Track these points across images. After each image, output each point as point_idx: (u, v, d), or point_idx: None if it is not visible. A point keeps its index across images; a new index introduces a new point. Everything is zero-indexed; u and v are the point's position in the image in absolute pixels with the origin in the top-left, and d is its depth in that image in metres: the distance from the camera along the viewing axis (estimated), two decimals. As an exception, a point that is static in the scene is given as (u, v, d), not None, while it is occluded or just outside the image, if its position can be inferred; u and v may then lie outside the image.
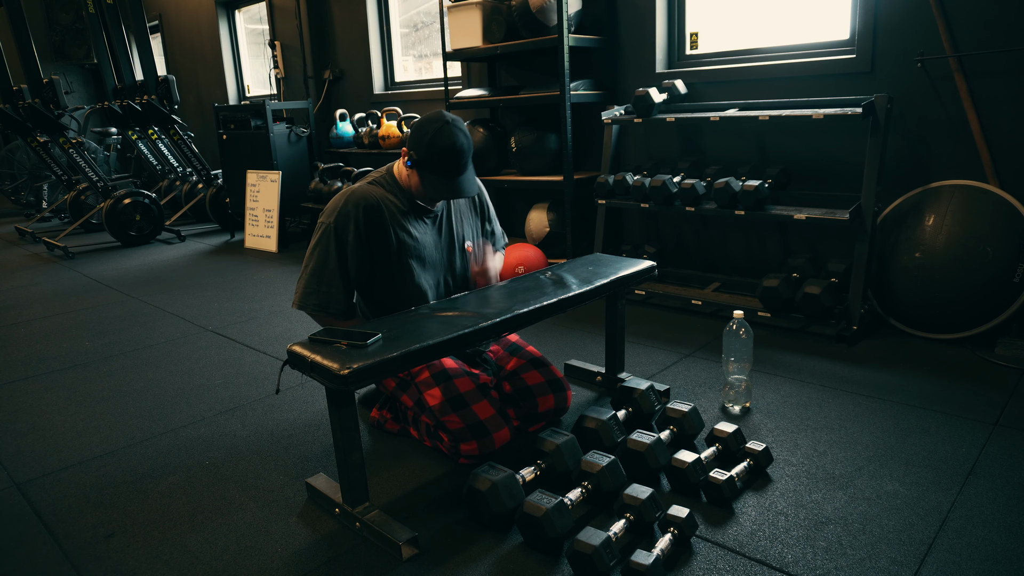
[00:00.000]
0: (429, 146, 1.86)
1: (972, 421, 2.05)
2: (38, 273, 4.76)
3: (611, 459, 1.70)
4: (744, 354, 2.16)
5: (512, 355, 2.13)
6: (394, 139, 4.68)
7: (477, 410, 1.87)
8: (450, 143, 1.86)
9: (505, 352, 2.15)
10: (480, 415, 1.87)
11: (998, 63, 2.57)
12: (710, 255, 3.56)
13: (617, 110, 3.40)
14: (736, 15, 3.44)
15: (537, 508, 1.53)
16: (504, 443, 1.89)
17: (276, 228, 5.12)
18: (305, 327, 3.23)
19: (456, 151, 1.87)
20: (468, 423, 1.86)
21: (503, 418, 1.90)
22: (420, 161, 1.89)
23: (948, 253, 2.60)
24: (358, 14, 5.35)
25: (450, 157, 1.87)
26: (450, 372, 1.92)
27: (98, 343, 3.17)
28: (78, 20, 8.58)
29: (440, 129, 1.86)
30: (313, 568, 1.55)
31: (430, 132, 1.86)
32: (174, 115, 5.78)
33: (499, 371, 2.11)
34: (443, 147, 1.86)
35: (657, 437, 1.80)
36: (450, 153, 1.86)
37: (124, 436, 2.24)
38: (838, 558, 1.48)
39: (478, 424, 1.86)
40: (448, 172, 1.89)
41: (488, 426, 1.87)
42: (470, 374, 1.96)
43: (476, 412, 1.87)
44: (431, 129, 1.86)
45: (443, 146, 1.86)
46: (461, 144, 1.88)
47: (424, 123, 1.89)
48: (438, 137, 1.86)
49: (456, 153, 1.87)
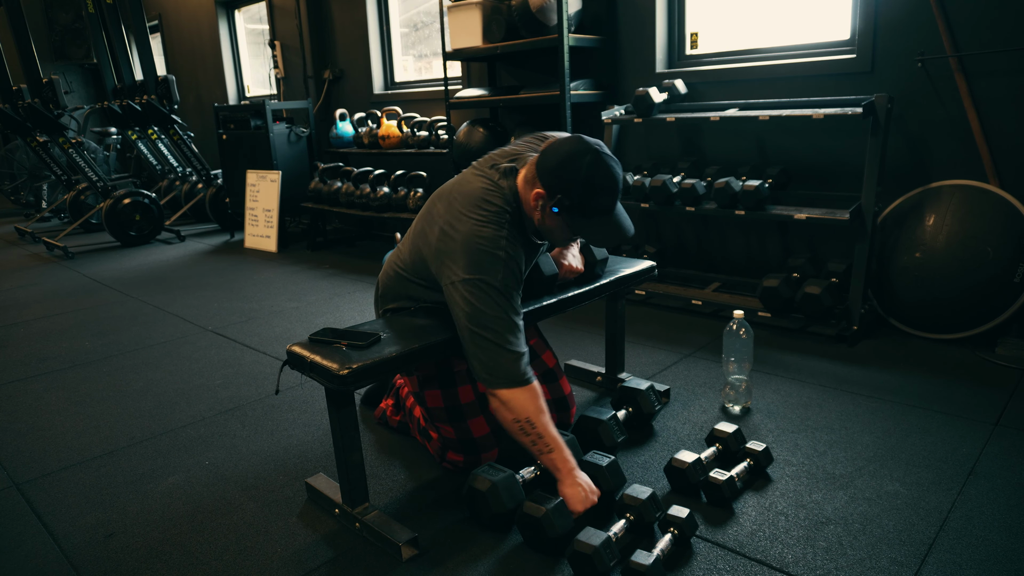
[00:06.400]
0: (586, 186, 1.54)
1: (972, 421, 2.04)
2: (38, 273, 4.76)
3: (611, 459, 1.70)
4: (744, 354, 2.16)
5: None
6: (394, 139, 4.67)
7: (472, 426, 1.85)
8: (612, 177, 1.56)
9: None
10: (474, 432, 1.85)
11: (999, 63, 2.57)
12: (710, 255, 3.56)
13: (617, 110, 3.40)
14: (736, 15, 3.43)
15: (537, 509, 1.53)
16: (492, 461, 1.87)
17: (276, 228, 5.12)
18: (305, 327, 3.23)
19: (617, 186, 1.58)
20: (461, 437, 1.85)
21: (496, 436, 1.89)
22: (575, 207, 1.57)
23: (948, 253, 2.59)
24: (358, 14, 5.35)
25: (612, 193, 1.58)
26: (455, 375, 1.87)
27: (98, 343, 3.17)
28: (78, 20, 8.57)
29: (596, 166, 1.55)
30: (313, 568, 1.55)
31: (583, 169, 1.54)
32: (174, 115, 5.78)
33: None
34: (605, 186, 1.56)
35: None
36: (612, 190, 1.57)
37: (124, 436, 2.24)
38: (838, 558, 1.48)
39: (470, 440, 1.85)
40: (609, 210, 1.60)
41: (479, 444, 1.86)
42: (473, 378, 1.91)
43: (471, 428, 1.85)
44: (583, 165, 1.54)
45: (605, 186, 1.56)
46: (619, 175, 1.59)
47: (571, 161, 1.54)
48: (598, 177, 1.55)
49: (617, 188, 1.58)
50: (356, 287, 3.96)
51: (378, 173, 4.58)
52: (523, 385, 1.59)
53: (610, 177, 1.56)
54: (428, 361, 1.74)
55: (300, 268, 4.53)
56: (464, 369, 1.89)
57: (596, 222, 1.61)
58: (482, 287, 1.57)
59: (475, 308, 1.57)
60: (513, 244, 1.63)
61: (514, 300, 1.62)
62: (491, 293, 1.57)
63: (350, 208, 4.71)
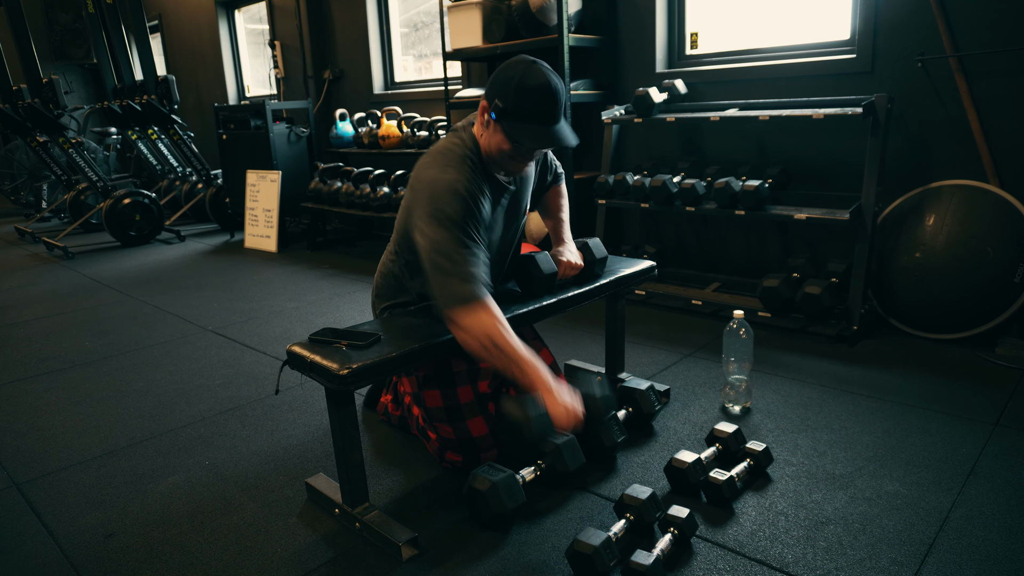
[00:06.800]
0: (519, 89, 1.61)
1: (972, 421, 2.04)
2: (38, 273, 4.76)
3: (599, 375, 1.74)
4: (744, 354, 2.16)
5: None
6: (394, 139, 4.67)
7: (471, 426, 1.85)
8: (544, 81, 1.62)
9: None
10: (472, 432, 1.86)
11: (999, 63, 2.57)
12: (710, 255, 3.56)
13: (617, 110, 3.40)
14: (736, 15, 3.43)
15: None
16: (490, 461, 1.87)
17: (276, 228, 5.12)
18: (305, 327, 3.23)
19: (552, 90, 1.63)
20: (459, 437, 1.85)
21: (495, 437, 1.89)
22: (508, 110, 1.63)
23: (948, 253, 2.59)
24: (358, 14, 5.35)
25: (547, 98, 1.62)
26: (454, 375, 1.88)
27: (98, 343, 3.17)
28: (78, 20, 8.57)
29: (528, 70, 1.62)
30: (313, 568, 1.55)
31: (517, 74, 1.62)
32: (174, 115, 5.78)
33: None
34: (537, 87, 1.61)
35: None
36: (546, 93, 1.62)
37: (124, 436, 2.23)
38: (838, 558, 1.48)
39: (469, 440, 1.85)
40: (546, 117, 1.64)
41: (478, 444, 1.86)
42: (473, 378, 1.92)
43: (469, 428, 1.85)
44: (517, 71, 1.62)
45: (536, 85, 1.61)
46: (555, 84, 1.64)
47: (506, 68, 1.65)
48: (528, 78, 1.61)
49: (553, 92, 1.63)
50: (356, 287, 3.96)
51: (378, 173, 4.58)
52: (473, 302, 1.56)
53: (543, 80, 1.61)
54: (428, 361, 1.74)
55: (300, 268, 4.53)
56: (464, 370, 1.89)
57: (532, 128, 1.64)
58: (441, 219, 1.61)
59: (432, 240, 1.60)
60: (474, 182, 1.69)
61: (472, 231, 1.65)
62: (448, 225, 1.61)
63: (350, 208, 4.71)
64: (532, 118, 1.64)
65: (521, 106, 1.62)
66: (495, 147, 1.70)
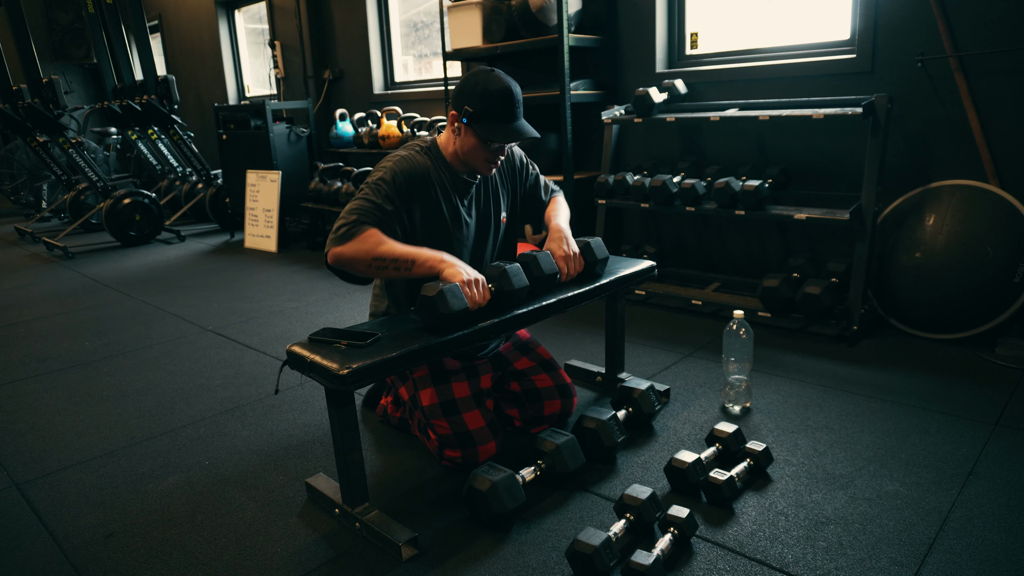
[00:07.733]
0: (484, 94, 1.81)
1: (972, 421, 2.04)
2: (38, 273, 4.76)
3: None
4: (744, 354, 2.16)
5: (522, 354, 2.11)
6: (394, 139, 4.67)
7: (467, 419, 1.86)
8: (504, 85, 1.84)
9: (514, 349, 2.13)
10: (469, 425, 1.86)
11: (998, 63, 2.57)
12: (710, 255, 3.56)
13: (617, 110, 3.40)
14: (736, 15, 3.44)
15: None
16: (490, 456, 1.88)
17: (276, 228, 5.12)
18: (305, 327, 3.23)
19: (511, 92, 1.84)
20: (456, 431, 1.86)
21: (492, 431, 1.89)
22: (477, 113, 1.82)
23: (948, 253, 2.59)
24: (358, 14, 5.35)
25: (507, 98, 1.83)
26: (449, 372, 1.91)
27: (98, 343, 3.17)
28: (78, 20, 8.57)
29: (488, 77, 1.84)
30: (313, 568, 1.55)
31: (480, 82, 1.83)
32: (174, 115, 5.78)
33: (507, 366, 2.10)
34: (498, 90, 1.82)
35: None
36: (506, 95, 1.83)
37: (124, 436, 2.24)
38: (838, 558, 1.48)
39: (466, 434, 1.86)
40: (507, 116, 1.84)
41: (475, 437, 1.86)
42: (469, 375, 1.95)
43: (466, 421, 1.86)
44: (480, 79, 1.83)
45: (498, 90, 1.82)
46: (514, 87, 1.86)
47: (469, 79, 1.85)
48: (490, 83, 1.83)
49: (511, 94, 1.84)
50: (356, 287, 3.96)
51: (378, 173, 4.57)
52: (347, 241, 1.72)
53: (502, 85, 1.83)
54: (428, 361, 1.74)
55: (300, 268, 4.53)
56: (459, 367, 1.93)
57: (499, 126, 1.83)
58: (368, 183, 1.82)
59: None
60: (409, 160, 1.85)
61: (392, 188, 1.80)
62: (370, 184, 1.81)
63: (350, 208, 4.70)
64: (498, 117, 1.82)
65: (489, 108, 1.81)
66: (468, 149, 1.86)
